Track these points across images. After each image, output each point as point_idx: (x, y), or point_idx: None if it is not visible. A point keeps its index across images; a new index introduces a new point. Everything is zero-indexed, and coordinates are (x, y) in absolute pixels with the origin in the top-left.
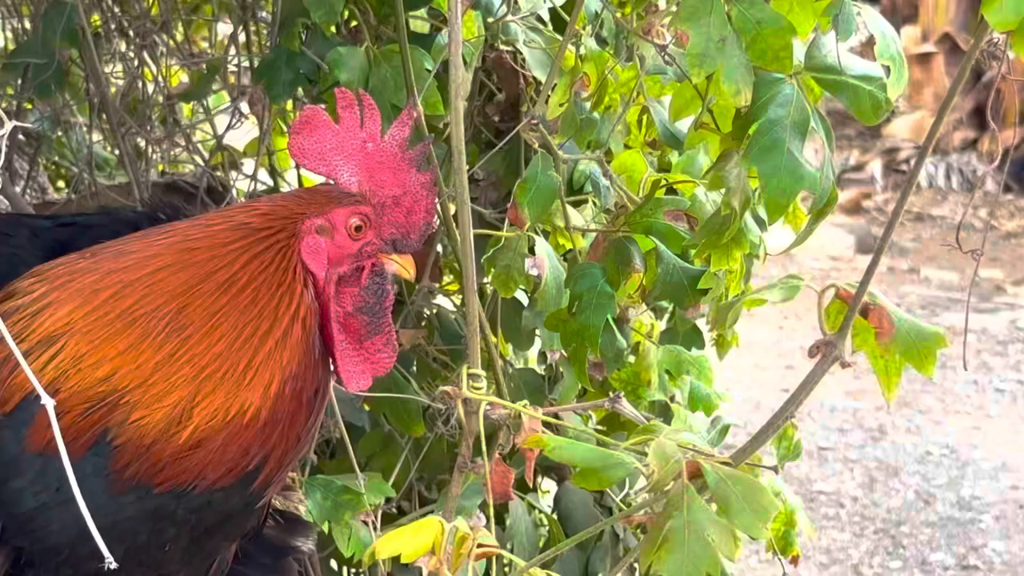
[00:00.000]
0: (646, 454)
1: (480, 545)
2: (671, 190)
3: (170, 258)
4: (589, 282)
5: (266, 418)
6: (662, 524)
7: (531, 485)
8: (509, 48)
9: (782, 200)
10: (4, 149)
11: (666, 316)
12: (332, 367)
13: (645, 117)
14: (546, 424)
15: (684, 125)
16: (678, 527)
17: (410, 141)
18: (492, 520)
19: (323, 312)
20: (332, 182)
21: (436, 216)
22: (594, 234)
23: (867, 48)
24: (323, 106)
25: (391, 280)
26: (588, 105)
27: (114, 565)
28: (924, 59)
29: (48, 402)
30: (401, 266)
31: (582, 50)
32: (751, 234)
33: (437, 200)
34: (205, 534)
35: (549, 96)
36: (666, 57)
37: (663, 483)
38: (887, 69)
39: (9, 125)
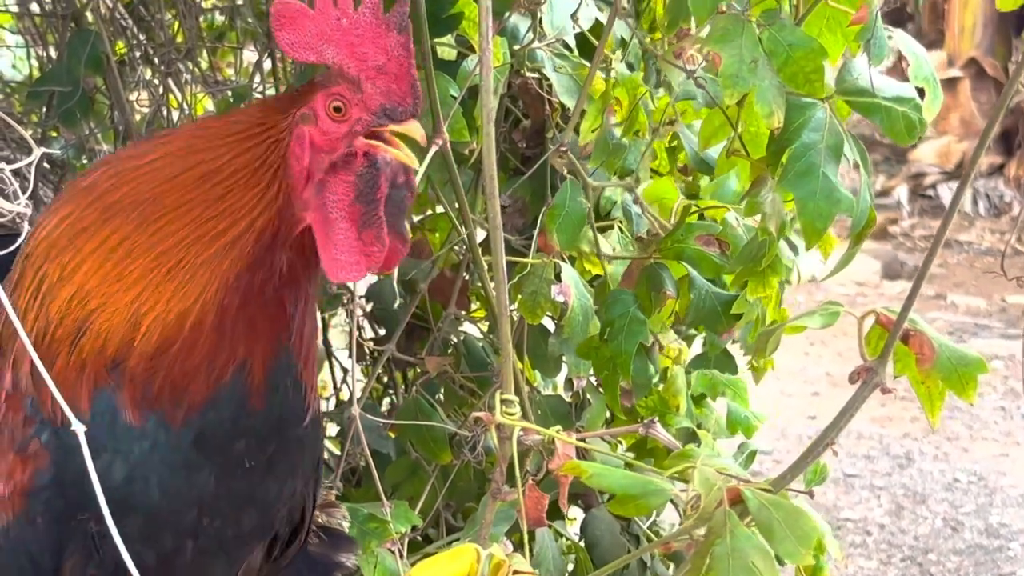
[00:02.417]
0: (682, 480)
1: (516, 572)
2: (702, 216)
3: (173, 145)
4: (621, 308)
5: (212, 324)
6: (705, 552)
7: (565, 512)
8: (535, 74)
9: (819, 224)
10: (31, 177)
11: (696, 341)
12: (317, 259)
13: (676, 143)
14: (576, 450)
15: (714, 151)
16: (722, 554)
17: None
18: (526, 546)
19: (315, 202)
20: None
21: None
22: (621, 260)
23: (892, 71)
24: None
25: (384, 170)
26: (618, 131)
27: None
28: (950, 84)
29: (51, 386)
30: (403, 156)
31: (613, 74)
32: (785, 260)
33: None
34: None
35: (578, 123)
36: (697, 81)
37: (708, 509)
38: (921, 91)
39: (37, 152)
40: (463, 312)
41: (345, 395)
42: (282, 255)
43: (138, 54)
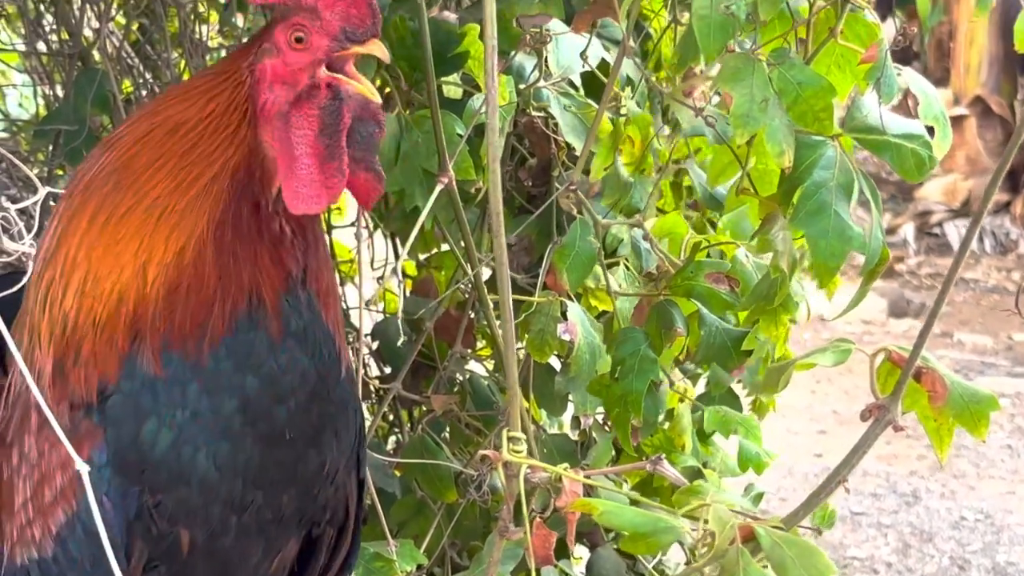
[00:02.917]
0: (692, 518)
1: None
2: (712, 252)
3: (143, 110)
4: (632, 346)
5: (212, 257)
6: None
7: (572, 550)
8: (540, 113)
9: (831, 263)
10: (36, 216)
11: (702, 380)
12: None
13: (685, 179)
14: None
15: (723, 187)
16: None
17: None
18: None
19: (280, 134)
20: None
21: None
22: (629, 297)
23: (897, 108)
24: None
25: (347, 102)
26: (626, 170)
27: None
28: (956, 122)
29: (54, 423)
30: (366, 90)
31: (624, 112)
32: (795, 296)
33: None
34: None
35: (586, 161)
36: (707, 119)
37: (722, 547)
38: (930, 129)
39: (43, 191)
40: (469, 350)
41: None
42: (266, 191)
43: (144, 93)
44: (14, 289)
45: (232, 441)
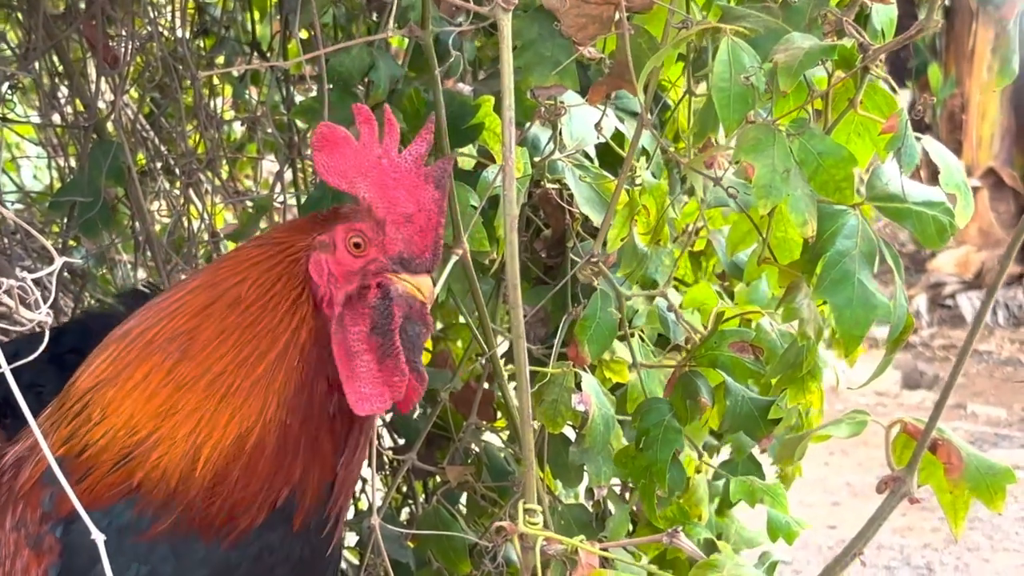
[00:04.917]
0: None
1: None
2: (741, 320)
3: (200, 279)
4: (656, 417)
5: (273, 446)
6: None
7: None
8: (555, 185)
9: (856, 331)
10: (52, 286)
11: (722, 449)
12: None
13: (705, 248)
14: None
15: (743, 255)
16: None
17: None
18: None
19: (337, 336)
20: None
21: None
22: (645, 369)
23: (912, 175)
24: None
25: (399, 303)
26: (642, 240)
27: None
28: None
29: (71, 494)
30: (413, 287)
31: (639, 182)
32: (824, 363)
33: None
34: None
35: (607, 233)
36: (729, 191)
37: None
38: (952, 198)
39: (59, 261)
40: (484, 422)
41: (364, 504)
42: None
43: (159, 164)
44: (33, 356)
45: None
